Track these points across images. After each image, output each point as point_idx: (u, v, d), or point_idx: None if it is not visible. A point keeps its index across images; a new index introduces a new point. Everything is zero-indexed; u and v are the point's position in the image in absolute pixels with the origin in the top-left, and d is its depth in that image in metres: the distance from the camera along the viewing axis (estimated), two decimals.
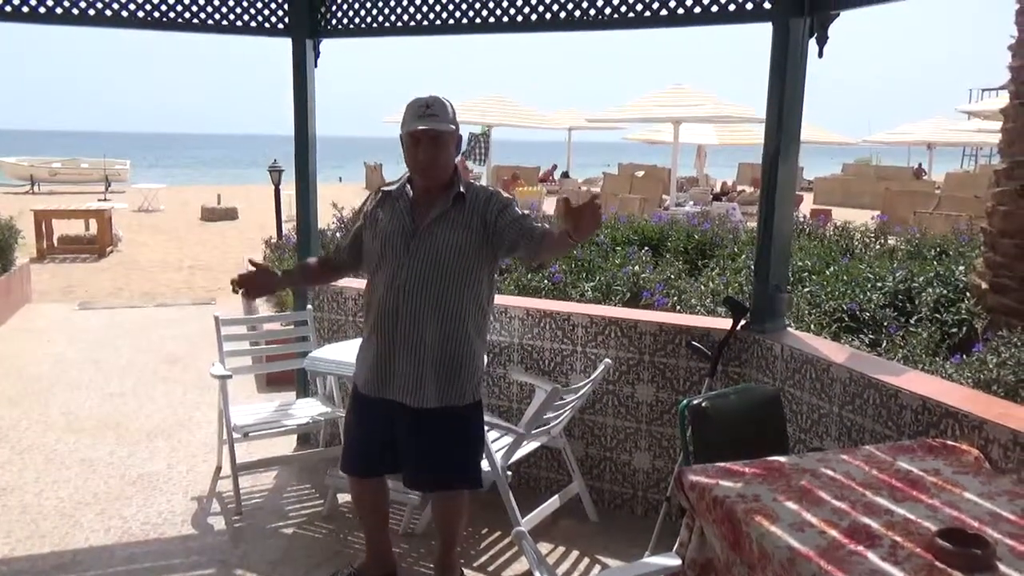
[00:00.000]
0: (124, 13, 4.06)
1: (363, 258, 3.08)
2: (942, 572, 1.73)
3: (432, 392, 2.87)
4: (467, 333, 2.88)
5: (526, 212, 2.95)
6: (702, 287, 5.17)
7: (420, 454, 2.97)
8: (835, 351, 3.30)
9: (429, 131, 2.80)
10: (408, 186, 2.97)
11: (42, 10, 3.93)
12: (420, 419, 2.91)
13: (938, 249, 6.48)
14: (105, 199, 17.34)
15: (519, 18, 3.94)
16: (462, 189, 2.90)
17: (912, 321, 4.61)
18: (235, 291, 3.08)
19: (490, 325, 3.08)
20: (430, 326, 2.84)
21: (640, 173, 23.78)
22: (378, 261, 2.93)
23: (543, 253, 2.82)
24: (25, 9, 3.91)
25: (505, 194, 3.01)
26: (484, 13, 4.02)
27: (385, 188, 3.06)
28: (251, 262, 3.19)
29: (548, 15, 3.87)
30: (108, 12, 4.04)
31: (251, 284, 3.08)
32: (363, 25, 4.32)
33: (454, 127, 2.88)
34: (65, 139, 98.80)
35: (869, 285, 5.06)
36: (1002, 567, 1.74)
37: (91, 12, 4.01)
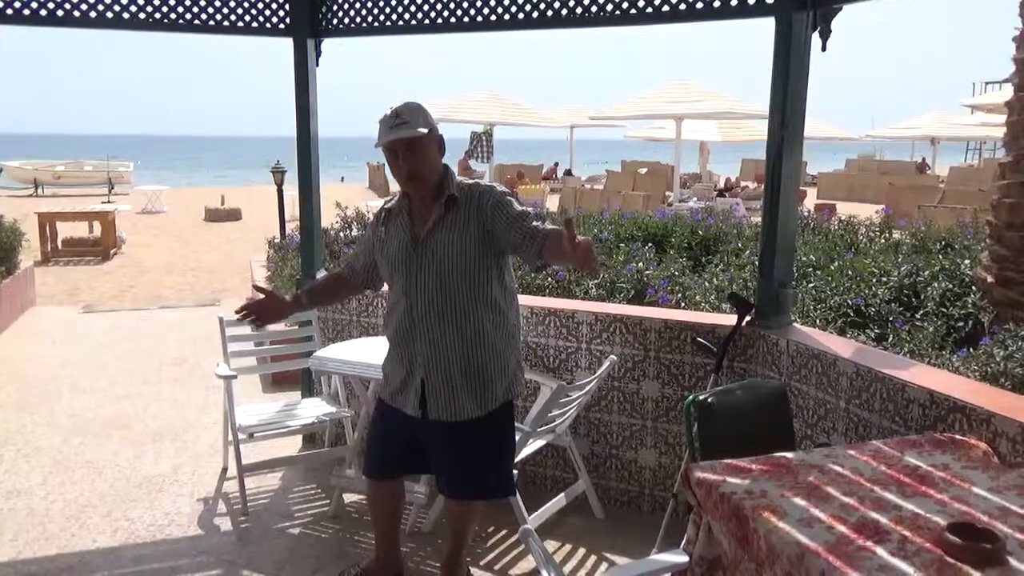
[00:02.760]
0: (125, 15, 4.06)
1: (381, 282, 3.09)
2: (952, 567, 1.72)
3: (468, 403, 2.84)
4: (486, 335, 2.83)
5: (526, 210, 2.83)
6: (707, 283, 5.16)
7: (456, 463, 2.96)
8: (841, 346, 3.29)
9: (402, 140, 2.72)
10: (406, 199, 2.93)
11: (43, 13, 3.93)
12: (454, 431, 2.88)
13: (943, 243, 6.45)
14: (109, 201, 17.38)
15: (520, 15, 3.93)
16: (454, 191, 2.83)
17: (918, 315, 4.59)
18: (242, 320, 3.00)
19: (517, 319, 2.99)
20: (449, 336, 2.81)
21: (643, 170, 23.74)
22: (391, 280, 2.93)
23: (547, 258, 2.69)
24: (27, 12, 3.91)
25: (502, 188, 2.90)
26: (485, 11, 4.01)
27: (386, 206, 3.02)
28: (255, 287, 3.14)
29: (550, 12, 3.86)
30: (109, 14, 4.03)
31: (259, 311, 3.02)
32: (364, 24, 4.31)
33: (428, 129, 2.76)
34: (68, 142, 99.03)
35: (874, 280, 5.04)
36: (1013, 561, 1.73)
37: (92, 14, 4.01)
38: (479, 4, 4.02)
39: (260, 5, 4.33)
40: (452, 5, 4.08)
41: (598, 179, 24.32)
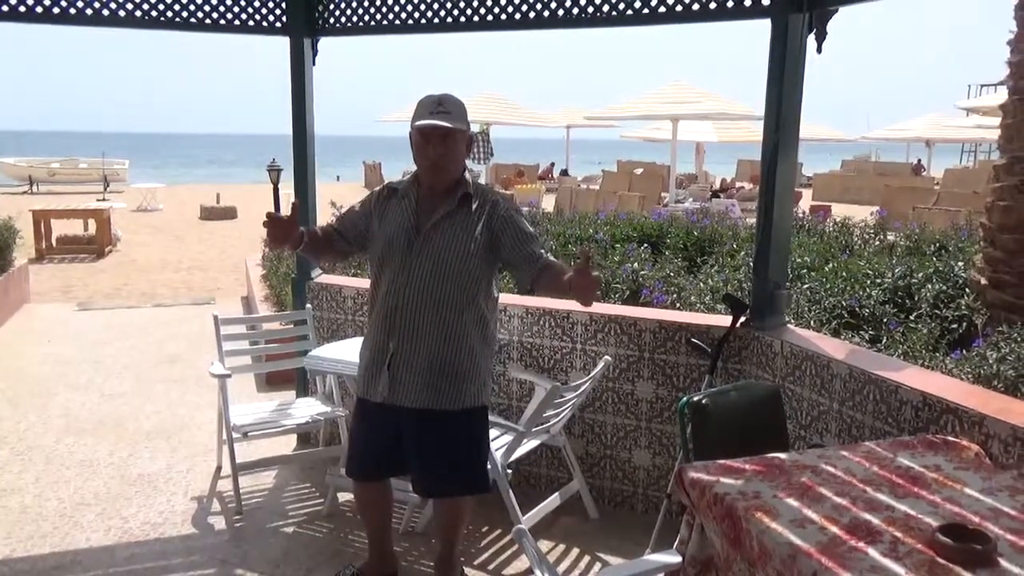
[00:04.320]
0: (121, 13, 4.05)
1: (367, 251, 3.05)
2: (943, 568, 1.73)
3: (430, 394, 2.86)
4: (467, 336, 2.86)
5: (534, 233, 2.89)
6: (701, 284, 5.17)
7: (426, 461, 2.97)
8: (835, 347, 3.30)
9: (439, 128, 2.76)
10: (415, 185, 2.95)
11: (39, 10, 3.92)
12: (423, 423, 2.89)
13: (937, 245, 6.48)
14: (104, 199, 17.33)
15: (517, 16, 3.94)
16: (470, 190, 2.88)
17: (912, 317, 4.60)
18: (264, 224, 2.81)
19: (496, 329, 3.05)
20: (429, 328, 2.83)
21: (639, 170, 23.77)
22: (381, 261, 2.92)
23: (538, 288, 2.77)
24: (22, 9, 3.90)
25: (512, 201, 2.96)
26: (482, 11, 4.01)
27: (392, 185, 3.04)
28: (294, 204, 2.97)
29: (546, 12, 3.87)
30: (105, 12, 4.03)
31: (274, 228, 2.80)
32: (361, 23, 4.31)
33: (465, 126, 2.85)
34: (63, 139, 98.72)
35: (869, 281, 5.06)
36: (1003, 563, 1.74)
37: (88, 12, 4.00)
38: (475, 4, 4.02)
39: (257, 3, 4.33)
40: (448, 5, 4.08)
41: (594, 179, 24.34)
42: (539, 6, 3.87)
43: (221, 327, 4.14)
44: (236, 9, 4.29)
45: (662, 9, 3.61)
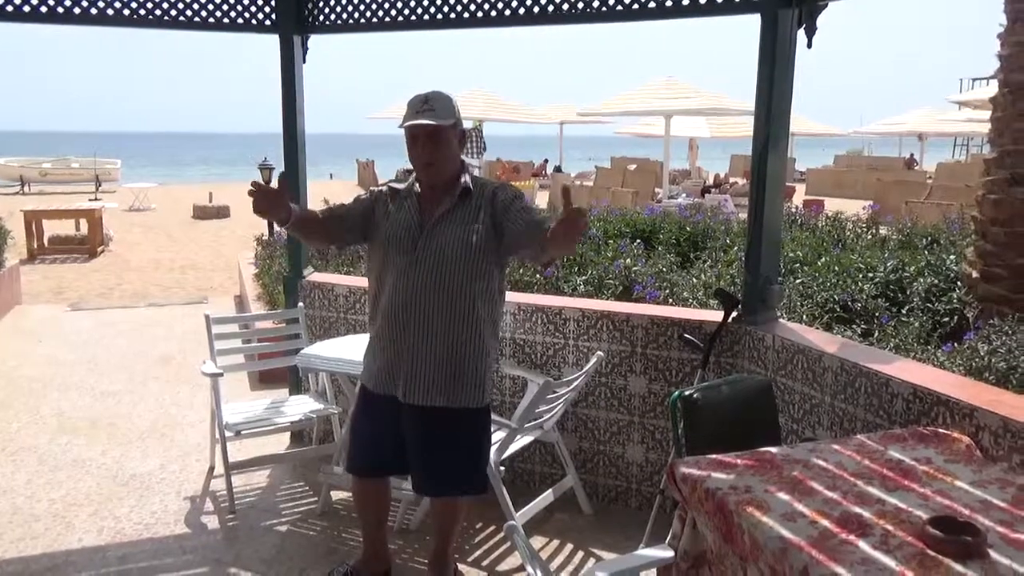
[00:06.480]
0: (110, 11, 4.03)
1: (364, 241, 3.02)
2: (933, 560, 1.73)
3: (440, 392, 2.85)
4: (477, 332, 2.86)
5: (536, 207, 2.89)
6: (694, 279, 5.18)
7: (429, 459, 2.96)
8: (826, 341, 3.30)
9: (427, 126, 2.75)
10: (416, 184, 2.94)
11: (26, 9, 3.90)
12: (431, 421, 2.89)
13: (929, 238, 6.49)
14: (96, 199, 17.27)
15: (507, 12, 3.93)
16: (469, 184, 2.87)
17: (904, 311, 4.62)
18: (250, 193, 2.69)
19: (501, 324, 3.04)
20: (438, 326, 2.82)
21: (632, 166, 23.76)
22: (384, 260, 2.90)
23: (550, 249, 2.67)
24: (9, 8, 3.88)
25: (511, 187, 2.96)
26: (472, 8, 4.00)
27: (394, 187, 3.03)
28: (282, 176, 2.94)
29: (536, 8, 3.86)
30: (93, 10, 4.01)
31: (261, 197, 2.68)
32: (351, 21, 4.30)
33: (454, 121, 2.83)
34: (55, 139, 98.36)
35: (861, 275, 5.07)
36: (993, 554, 1.74)
37: (76, 10, 3.98)
38: (466, 1, 4.01)
39: (246, 1, 4.31)
40: (439, 1, 4.07)
41: (588, 175, 24.34)
42: (529, 1, 3.86)
43: (213, 326, 4.13)
44: (225, 7, 4.26)
45: (652, 5, 3.61)
